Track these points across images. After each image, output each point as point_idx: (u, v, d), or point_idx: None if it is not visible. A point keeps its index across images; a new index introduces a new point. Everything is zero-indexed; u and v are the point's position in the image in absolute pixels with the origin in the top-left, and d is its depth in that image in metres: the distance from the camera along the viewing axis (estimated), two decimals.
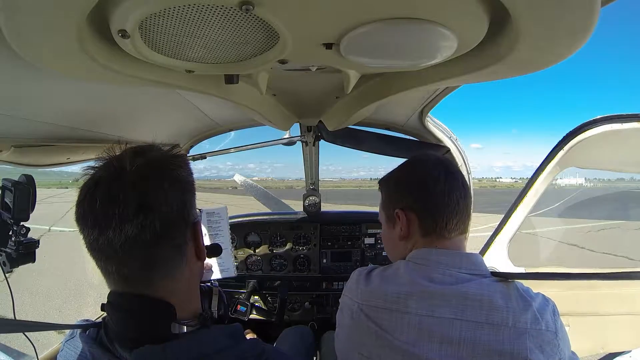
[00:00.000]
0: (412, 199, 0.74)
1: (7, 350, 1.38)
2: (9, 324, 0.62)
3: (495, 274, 0.70)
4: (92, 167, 0.54)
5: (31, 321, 0.64)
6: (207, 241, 0.75)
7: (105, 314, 0.58)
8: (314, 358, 1.55)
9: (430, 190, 0.73)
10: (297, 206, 2.17)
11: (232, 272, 1.52)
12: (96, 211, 0.50)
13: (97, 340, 0.57)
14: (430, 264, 0.69)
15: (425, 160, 0.79)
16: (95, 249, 0.51)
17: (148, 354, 0.52)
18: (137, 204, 0.49)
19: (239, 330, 0.61)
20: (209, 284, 0.89)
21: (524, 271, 1.66)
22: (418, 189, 0.74)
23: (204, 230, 1.51)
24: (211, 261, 1.42)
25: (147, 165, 0.53)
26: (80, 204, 0.52)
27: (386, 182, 0.83)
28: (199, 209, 0.70)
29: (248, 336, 1.28)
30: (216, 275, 1.48)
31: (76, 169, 0.60)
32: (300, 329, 1.66)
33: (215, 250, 0.85)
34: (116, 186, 0.50)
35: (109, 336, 0.56)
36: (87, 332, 0.59)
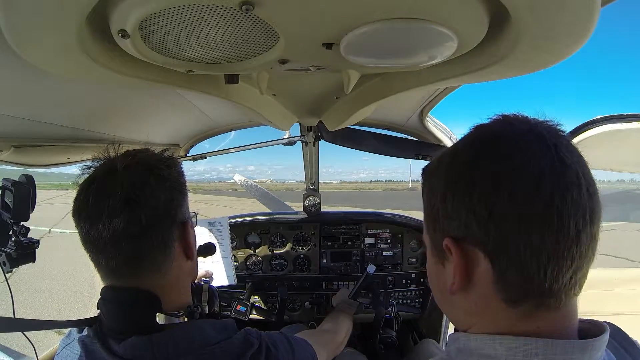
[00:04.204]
0: (477, 222, 0.37)
1: (7, 350, 1.38)
2: (3, 322, 0.63)
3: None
4: (89, 167, 0.59)
5: (25, 319, 0.65)
6: (200, 242, 0.77)
7: (99, 312, 0.61)
8: None
9: (522, 205, 0.35)
10: (296, 208, 2.17)
11: (233, 280, 1.57)
12: (89, 206, 0.55)
13: (90, 338, 0.59)
14: None
15: (513, 135, 0.38)
16: (88, 242, 0.56)
17: (135, 345, 0.55)
18: (124, 199, 0.54)
19: (229, 325, 0.62)
20: (200, 283, 0.90)
21: None
22: (492, 201, 0.36)
23: (200, 232, 1.54)
24: (211, 269, 1.46)
25: (135, 164, 0.58)
26: (76, 200, 0.57)
27: (432, 175, 0.45)
28: (194, 212, 0.72)
29: None
30: (216, 282, 1.50)
31: (76, 170, 0.62)
32: (298, 327, 1.66)
33: (208, 249, 0.87)
34: (107, 183, 0.56)
35: (103, 331, 0.58)
36: (83, 331, 0.60)
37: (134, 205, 0.54)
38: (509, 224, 0.36)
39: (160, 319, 0.58)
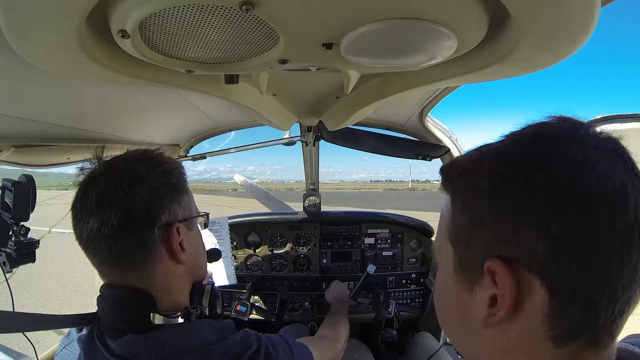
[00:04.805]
0: (539, 242, 0.30)
1: (7, 350, 1.38)
2: (3, 321, 0.64)
3: None
4: (81, 169, 0.61)
5: (24, 313, 0.65)
6: (207, 246, 0.76)
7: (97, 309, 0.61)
8: None
9: (603, 227, 0.29)
10: (296, 208, 2.17)
11: (232, 280, 1.57)
12: (75, 206, 0.58)
13: (89, 337, 0.59)
14: None
15: (588, 141, 0.32)
16: (78, 240, 0.58)
17: (132, 344, 0.55)
18: (97, 200, 0.55)
19: (228, 325, 0.62)
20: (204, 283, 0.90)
21: None
22: (565, 217, 0.30)
23: (205, 235, 1.55)
24: (211, 269, 1.46)
25: (116, 167, 0.60)
26: (72, 200, 0.59)
27: (468, 175, 0.36)
28: (205, 212, 0.71)
29: None
30: (216, 282, 1.51)
31: (76, 170, 0.63)
32: (297, 326, 1.67)
33: (214, 255, 0.86)
34: (88, 185, 0.58)
35: (101, 330, 0.59)
36: (82, 331, 0.61)
37: (106, 207, 0.55)
38: (582, 247, 0.29)
39: (157, 320, 0.58)
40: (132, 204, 0.56)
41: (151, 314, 0.58)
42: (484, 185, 0.34)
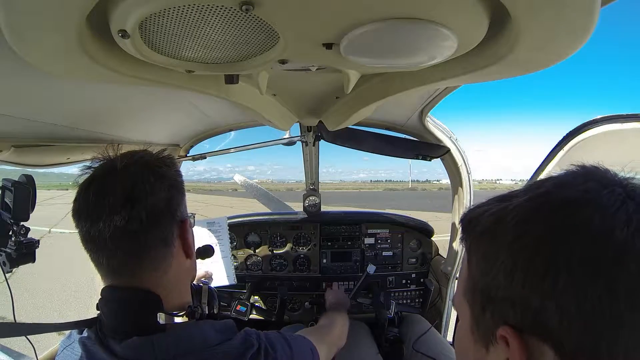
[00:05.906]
0: (558, 315, 0.30)
1: (7, 350, 1.38)
2: (4, 328, 0.63)
3: None
4: (88, 167, 0.60)
5: (25, 323, 0.65)
6: (199, 244, 0.77)
7: (99, 312, 0.61)
8: None
9: (623, 305, 0.28)
10: (296, 209, 2.18)
11: (232, 280, 1.58)
12: (89, 204, 0.55)
13: (91, 339, 0.59)
14: None
15: (611, 204, 0.31)
16: (88, 241, 0.56)
17: (136, 346, 0.55)
18: (124, 196, 0.54)
19: (229, 326, 0.62)
20: (200, 283, 0.91)
21: None
22: (586, 292, 0.29)
23: (199, 232, 1.56)
24: (211, 269, 1.47)
25: (134, 163, 0.59)
26: (76, 200, 0.57)
27: (486, 236, 0.37)
28: (192, 213, 0.73)
29: None
30: (216, 282, 1.51)
31: (76, 170, 0.62)
32: (297, 327, 1.67)
33: (206, 251, 0.87)
34: (107, 182, 0.56)
35: (103, 332, 0.58)
36: (83, 332, 0.60)
37: (134, 203, 0.55)
38: (604, 322, 0.28)
39: (160, 317, 0.58)
40: (157, 199, 0.57)
41: (157, 314, 0.57)
42: (503, 255, 0.33)
